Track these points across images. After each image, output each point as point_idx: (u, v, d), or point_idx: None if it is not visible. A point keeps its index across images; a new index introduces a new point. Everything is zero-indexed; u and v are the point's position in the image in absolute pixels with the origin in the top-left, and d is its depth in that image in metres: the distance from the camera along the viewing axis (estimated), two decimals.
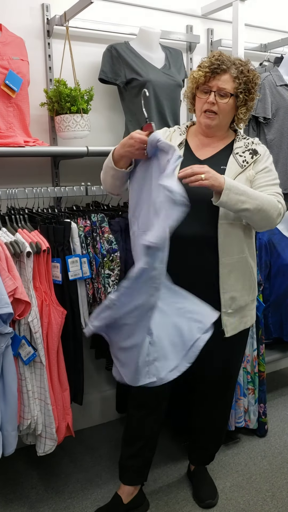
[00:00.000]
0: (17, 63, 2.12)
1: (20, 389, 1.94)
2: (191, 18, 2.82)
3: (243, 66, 1.82)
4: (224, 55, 1.82)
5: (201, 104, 1.85)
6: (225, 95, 1.80)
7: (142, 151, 1.69)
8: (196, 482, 2.25)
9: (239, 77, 1.79)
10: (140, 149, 1.68)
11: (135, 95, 2.42)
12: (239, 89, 1.81)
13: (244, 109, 1.87)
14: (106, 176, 1.85)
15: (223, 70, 1.78)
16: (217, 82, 1.79)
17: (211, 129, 1.87)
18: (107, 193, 1.96)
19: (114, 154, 1.77)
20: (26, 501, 2.21)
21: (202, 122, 1.86)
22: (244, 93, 1.82)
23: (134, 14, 2.62)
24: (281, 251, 2.74)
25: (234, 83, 1.80)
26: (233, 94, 1.81)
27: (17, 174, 2.40)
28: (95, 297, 2.17)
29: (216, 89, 1.80)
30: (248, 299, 1.94)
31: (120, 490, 2.12)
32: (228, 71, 1.79)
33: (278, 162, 2.77)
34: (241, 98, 1.83)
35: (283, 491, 2.24)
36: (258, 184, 1.86)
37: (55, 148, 2.33)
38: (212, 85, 1.80)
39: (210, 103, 1.81)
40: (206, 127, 1.87)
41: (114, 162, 1.77)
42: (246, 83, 1.81)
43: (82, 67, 2.48)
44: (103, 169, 1.86)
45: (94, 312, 1.59)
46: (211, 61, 1.80)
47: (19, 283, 1.84)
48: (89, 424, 2.80)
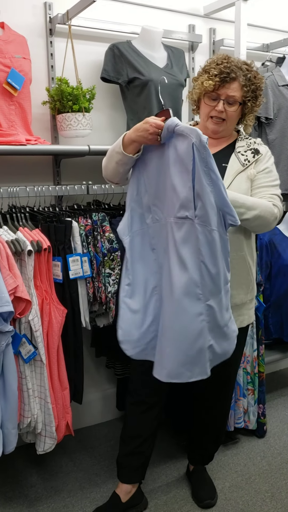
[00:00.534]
0: (19, 61, 2.12)
1: (20, 388, 1.94)
2: (194, 17, 2.82)
3: (250, 73, 1.81)
4: (231, 60, 1.81)
5: (207, 110, 1.85)
6: (234, 103, 1.81)
7: (155, 137, 1.68)
8: (195, 482, 2.25)
9: (247, 85, 1.80)
10: (153, 134, 1.67)
11: (137, 94, 2.42)
12: (247, 97, 1.81)
13: (251, 115, 1.89)
14: (110, 162, 1.82)
15: (233, 78, 1.78)
16: (226, 90, 1.79)
17: (218, 134, 1.88)
18: (106, 180, 1.93)
19: (125, 138, 1.75)
20: (25, 499, 2.21)
21: (210, 127, 1.87)
22: (251, 100, 1.83)
23: (137, 13, 2.62)
24: (282, 252, 2.74)
25: (242, 91, 1.80)
26: (241, 103, 1.82)
27: (18, 173, 2.40)
28: (96, 296, 2.17)
29: (225, 97, 1.80)
30: (245, 298, 1.94)
31: (118, 489, 2.12)
32: (237, 79, 1.78)
33: (280, 162, 2.77)
34: (249, 106, 1.84)
35: (282, 492, 2.24)
36: (258, 184, 1.87)
37: (57, 147, 2.33)
38: (221, 93, 1.80)
39: (219, 112, 1.81)
40: (213, 132, 1.87)
41: (123, 146, 1.76)
42: (253, 91, 1.82)
43: (84, 66, 2.48)
44: (108, 154, 1.84)
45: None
46: (221, 69, 1.78)
47: (20, 281, 1.84)
48: (89, 423, 2.80)
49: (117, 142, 1.78)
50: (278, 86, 2.75)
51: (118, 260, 2.16)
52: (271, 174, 1.90)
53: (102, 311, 2.26)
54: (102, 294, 2.16)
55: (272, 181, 1.89)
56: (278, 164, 2.77)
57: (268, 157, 1.91)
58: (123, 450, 2.08)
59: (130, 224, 1.82)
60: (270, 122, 2.74)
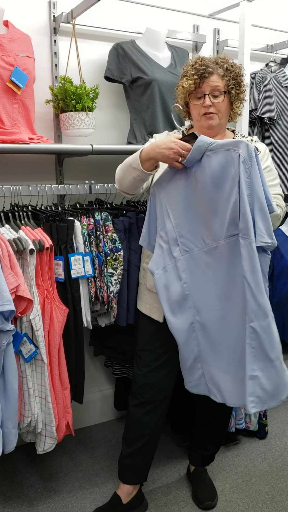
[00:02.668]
0: (23, 60, 2.12)
1: (20, 387, 1.93)
2: (198, 17, 2.82)
3: (226, 63, 1.83)
4: (205, 58, 1.84)
5: (197, 110, 1.86)
6: (219, 93, 1.82)
7: (176, 157, 1.67)
8: (195, 483, 2.25)
9: (226, 74, 1.82)
10: (176, 154, 1.66)
11: (140, 93, 2.41)
12: (230, 85, 1.83)
13: (238, 102, 1.89)
14: (127, 177, 1.81)
15: (210, 72, 1.80)
16: (207, 84, 1.81)
17: (214, 129, 1.88)
18: (121, 192, 1.92)
19: (142, 154, 1.73)
20: (24, 499, 2.20)
21: (204, 124, 1.87)
22: (235, 88, 1.85)
23: (141, 12, 2.61)
24: (284, 253, 2.73)
25: (223, 80, 1.82)
26: (226, 91, 1.83)
27: (21, 171, 2.40)
28: (97, 295, 2.17)
29: (209, 91, 1.81)
30: None
31: (119, 489, 2.11)
32: (214, 72, 1.80)
33: (283, 163, 2.76)
34: (233, 93, 1.85)
35: (283, 494, 2.23)
36: None
37: (60, 146, 2.33)
38: (203, 88, 1.81)
39: (207, 106, 1.82)
40: (208, 128, 1.87)
41: (141, 162, 1.74)
42: (234, 77, 1.84)
43: (88, 65, 2.48)
44: (123, 168, 1.83)
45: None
46: (196, 67, 1.81)
47: (21, 280, 1.83)
48: (89, 423, 2.80)
49: (134, 158, 1.76)
50: (282, 87, 2.74)
51: (120, 260, 2.15)
52: (271, 172, 1.91)
53: (104, 311, 2.26)
54: (104, 293, 2.16)
55: (273, 180, 1.90)
56: (281, 164, 2.76)
57: (267, 155, 1.92)
58: (126, 451, 2.08)
59: (158, 261, 1.80)
60: (273, 123, 2.73)
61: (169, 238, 1.78)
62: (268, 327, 1.63)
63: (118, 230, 2.17)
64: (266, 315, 1.62)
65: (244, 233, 1.59)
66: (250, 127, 2.73)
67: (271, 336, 1.64)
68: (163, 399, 2.02)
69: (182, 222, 1.76)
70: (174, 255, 1.78)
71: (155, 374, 1.98)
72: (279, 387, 1.67)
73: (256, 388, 1.64)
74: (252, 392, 1.64)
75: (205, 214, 1.71)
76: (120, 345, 2.45)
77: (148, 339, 2.00)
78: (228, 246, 1.66)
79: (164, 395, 2.02)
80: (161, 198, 1.79)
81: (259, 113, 2.71)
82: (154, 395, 2.00)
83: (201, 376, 1.83)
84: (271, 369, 1.65)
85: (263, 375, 1.64)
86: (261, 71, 2.85)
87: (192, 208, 1.74)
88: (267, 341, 1.63)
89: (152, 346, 1.98)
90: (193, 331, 1.79)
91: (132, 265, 2.21)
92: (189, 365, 1.82)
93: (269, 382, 1.65)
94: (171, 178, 1.77)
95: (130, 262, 2.21)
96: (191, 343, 1.80)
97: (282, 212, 1.86)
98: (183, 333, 1.79)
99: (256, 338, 1.62)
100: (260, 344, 1.62)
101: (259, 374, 1.64)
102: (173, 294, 1.78)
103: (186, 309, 1.79)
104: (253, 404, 1.65)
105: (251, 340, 1.62)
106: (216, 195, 1.66)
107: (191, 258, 1.77)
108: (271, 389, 1.66)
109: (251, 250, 1.58)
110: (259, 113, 2.71)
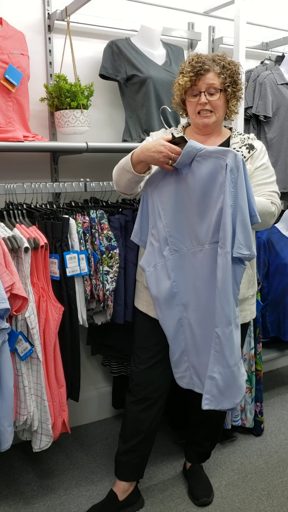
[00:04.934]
0: (17, 57, 2.11)
1: (16, 385, 1.93)
2: (193, 15, 2.81)
3: (224, 61, 1.83)
4: (202, 55, 1.84)
5: (193, 107, 1.86)
6: (215, 91, 1.82)
7: (166, 160, 1.68)
8: (191, 480, 2.25)
9: (222, 72, 1.82)
10: (166, 157, 1.66)
11: (135, 91, 2.41)
12: (226, 83, 1.83)
13: (234, 100, 1.90)
14: (122, 179, 1.83)
15: (206, 69, 1.80)
16: (203, 82, 1.81)
17: (210, 126, 1.88)
18: (119, 193, 1.93)
19: (133, 157, 1.74)
20: (21, 497, 2.20)
21: (200, 122, 1.87)
22: (231, 86, 1.85)
23: (136, 10, 2.61)
24: (279, 250, 2.73)
25: (220, 78, 1.82)
26: (222, 89, 1.83)
27: (16, 169, 2.39)
28: (93, 293, 2.17)
29: (205, 89, 1.81)
30: (247, 293, 1.94)
31: (115, 486, 2.11)
32: (211, 69, 1.81)
33: (278, 161, 2.76)
34: (230, 91, 1.85)
35: (279, 490, 2.24)
36: (255, 181, 1.88)
37: (55, 144, 2.32)
38: (199, 86, 1.82)
39: (203, 104, 1.82)
40: (204, 126, 1.87)
41: (132, 165, 1.75)
42: (230, 75, 1.84)
43: (82, 63, 2.48)
44: (117, 171, 1.83)
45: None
46: (192, 64, 1.81)
47: (16, 278, 1.83)
48: (85, 421, 2.80)
49: (126, 160, 1.77)
50: (277, 84, 2.74)
51: (116, 258, 2.15)
52: (268, 170, 1.91)
53: (100, 309, 2.26)
54: (100, 291, 2.16)
55: (269, 177, 1.90)
56: (276, 162, 2.77)
57: (263, 153, 1.92)
58: (122, 448, 2.08)
59: (149, 258, 1.84)
60: (269, 121, 2.74)
61: (160, 237, 1.81)
62: (230, 334, 1.70)
63: (114, 228, 2.17)
64: (229, 323, 1.69)
65: (222, 243, 1.63)
66: (245, 124, 2.73)
67: (232, 343, 1.71)
68: (160, 396, 2.03)
69: (172, 222, 1.78)
70: (164, 254, 1.81)
71: (152, 371, 1.98)
72: (234, 390, 1.76)
73: (213, 388, 1.75)
74: (209, 390, 1.76)
75: (194, 217, 1.73)
76: (118, 344, 2.45)
77: (145, 336, 2.01)
78: (211, 252, 1.70)
79: (161, 392, 2.02)
80: (153, 197, 1.81)
81: (254, 111, 2.71)
82: (151, 392, 2.00)
83: (187, 369, 1.90)
84: (229, 373, 1.73)
85: (220, 377, 1.73)
86: (256, 68, 2.85)
87: (182, 209, 1.76)
88: (228, 348, 1.70)
89: (149, 344, 1.98)
90: (181, 326, 1.85)
91: (129, 262, 2.21)
92: (176, 357, 1.89)
93: (225, 384, 1.74)
94: (163, 178, 1.78)
95: (127, 259, 2.21)
96: (179, 337, 1.86)
97: (277, 210, 1.87)
98: (171, 328, 1.85)
99: (219, 343, 1.70)
100: (221, 349, 1.71)
101: (217, 376, 1.73)
102: (162, 291, 1.82)
103: (175, 306, 1.84)
104: (207, 401, 1.76)
105: (215, 344, 1.72)
106: (204, 200, 1.67)
107: (180, 257, 1.80)
108: (226, 392, 1.75)
109: (226, 260, 1.63)
110: (254, 111, 2.72)
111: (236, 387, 1.76)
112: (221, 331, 1.69)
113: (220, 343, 1.70)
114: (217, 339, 1.70)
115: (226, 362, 1.71)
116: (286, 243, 2.79)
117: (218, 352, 1.71)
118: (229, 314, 1.67)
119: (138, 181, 1.81)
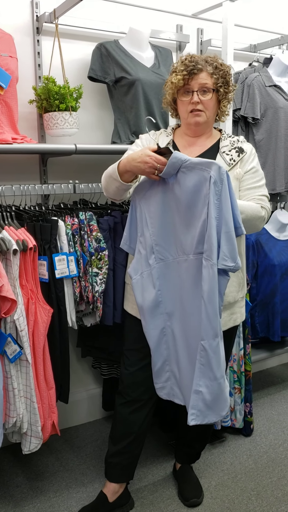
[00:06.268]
0: (5, 59, 2.11)
1: (5, 387, 1.93)
2: (181, 17, 2.83)
3: (216, 62, 1.86)
4: (194, 56, 1.86)
5: (185, 106, 1.87)
6: (207, 91, 1.84)
7: (152, 170, 1.69)
8: (181, 481, 2.26)
9: (215, 73, 1.84)
10: (151, 168, 1.68)
11: (124, 93, 2.42)
12: (218, 83, 1.85)
13: (226, 101, 1.91)
14: (110, 186, 1.84)
15: (199, 69, 1.82)
16: (196, 81, 1.82)
17: (201, 126, 1.89)
18: (109, 199, 1.94)
19: (119, 166, 1.76)
20: (10, 499, 2.20)
21: (191, 121, 1.88)
22: (223, 86, 1.87)
23: (124, 12, 2.62)
24: (268, 251, 2.75)
25: (212, 78, 1.84)
26: (214, 90, 1.85)
27: (4, 171, 2.39)
28: (82, 295, 2.17)
29: (198, 88, 1.83)
30: (237, 296, 1.95)
31: (105, 488, 2.11)
32: (204, 69, 1.82)
33: (266, 163, 2.78)
34: (222, 92, 1.87)
35: (268, 490, 2.25)
36: (245, 185, 1.89)
37: (43, 146, 2.32)
38: (192, 85, 1.83)
39: (195, 103, 1.83)
40: (195, 125, 1.88)
41: (119, 174, 1.76)
42: (223, 76, 1.86)
43: (71, 65, 2.48)
44: (106, 178, 1.85)
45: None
46: (185, 63, 1.83)
47: (5, 280, 1.83)
48: (75, 422, 2.80)
49: (113, 169, 1.78)
50: (265, 86, 2.76)
51: (105, 259, 2.16)
52: (257, 173, 1.92)
53: (89, 311, 2.26)
54: (89, 293, 2.16)
55: (259, 180, 1.91)
56: (264, 164, 2.78)
57: (253, 156, 1.93)
58: (112, 449, 2.08)
59: (136, 266, 1.85)
60: (257, 123, 2.75)
61: (147, 245, 1.82)
62: (217, 347, 1.70)
63: (103, 229, 2.17)
64: (216, 335, 1.69)
65: (207, 255, 1.64)
66: (234, 126, 2.75)
67: (218, 356, 1.71)
68: (149, 398, 2.03)
69: (159, 231, 1.79)
70: (150, 263, 1.82)
71: (142, 373, 1.99)
72: (220, 403, 1.76)
73: (199, 402, 1.74)
74: (194, 405, 1.75)
75: (180, 226, 1.74)
76: (108, 346, 2.45)
77: (134, 338, 2.01)
78: (196, 262, 1.70)
79: (151, 394, 2.02)
80: (141, 205, 1.82)
81: (243, 113, 2.73)
82: (140, 394, 2.00)
83: (168, 379, 1.91)
84: (215, 386, 1.73)
85: (207, 391, 1.73)
86: (245, 70, 2.86)
87: (168, 218, 1.77)
88: (215, 360, 1.70)
89: (138, 346, 1.98)
90: (164, 335, 1.86)
91: (118, 264, 2.21)
92: (158, 367, 1.90)
93: (212, 398, 1.74)
94: (151, 187, 1.79)
95: (116, 261, 2.21)
96: (161, 346, 1.87)
97: (267, 213, 1.88)
98: (154, 338, 1.86)
99: (205, 355, 1.70)
100: (208, 362, 1.70)
101: (203, 390, 1.73)
102: (147, 300, 1.83)
103: (158, 315, 1.84)
104: (193, 416, 1.75)
105: (200, 357, 1.71)
106: (189, 211, 1.68)
107: (165, 266, 1.81)
108: (213, 405, 1.75)
109: (212, 272, 1.63)
110: (242, 112, 2.73)
111: (223, 399, 1.76)
112: (207, 344, 1.68)
113: (206, 355, 1.69)
114: (203, 352, 1.69)
115: (213, 375, 1.71)
116: (275, 244, 2.81)
117: (204, 365, 1.70)
118: (216, 326, 1.67)
119: (126, 189, 1.82)
